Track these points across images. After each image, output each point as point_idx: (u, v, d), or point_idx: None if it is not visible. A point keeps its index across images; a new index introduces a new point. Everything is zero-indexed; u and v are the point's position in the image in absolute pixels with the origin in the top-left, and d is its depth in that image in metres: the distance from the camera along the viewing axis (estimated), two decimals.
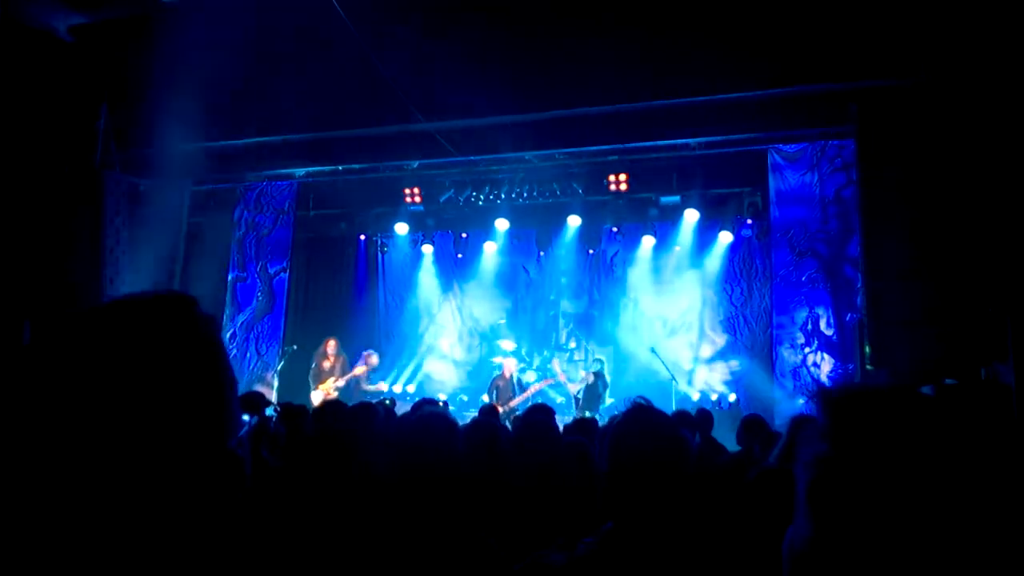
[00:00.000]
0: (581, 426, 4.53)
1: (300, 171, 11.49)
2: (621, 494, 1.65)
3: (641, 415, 1.71)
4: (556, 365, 10.92)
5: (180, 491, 0.79)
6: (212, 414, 0.84)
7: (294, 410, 5.49)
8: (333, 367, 10.21)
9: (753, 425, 4.83)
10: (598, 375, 9.70)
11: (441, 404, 7.92)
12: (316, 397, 9.69)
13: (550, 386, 10.69)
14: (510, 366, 10.22)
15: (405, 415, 3.82)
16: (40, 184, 9.37)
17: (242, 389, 9.71)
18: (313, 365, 10.34)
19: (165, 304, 0.85)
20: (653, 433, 1.67)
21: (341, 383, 9.95)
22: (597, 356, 10.74)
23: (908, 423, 0.78)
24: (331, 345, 10.38)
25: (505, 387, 9.94)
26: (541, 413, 3.65)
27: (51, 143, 9.50)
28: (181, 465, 0.79)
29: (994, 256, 7.08)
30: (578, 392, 9.71)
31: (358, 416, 4.20)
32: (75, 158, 9.94)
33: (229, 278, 11.57)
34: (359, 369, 10.05)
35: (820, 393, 0.87)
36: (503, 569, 1.85)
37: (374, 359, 10.33)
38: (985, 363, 6.36)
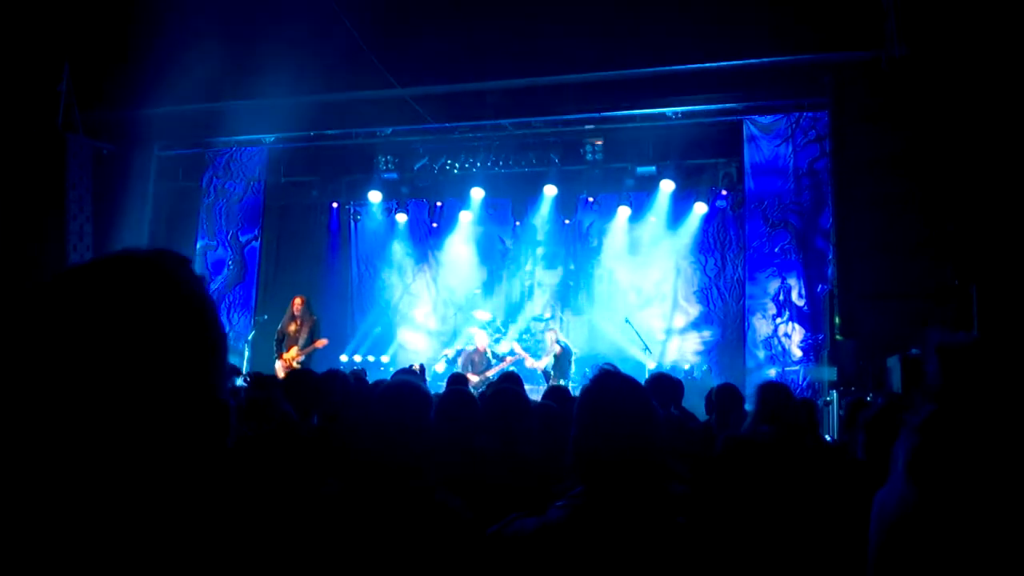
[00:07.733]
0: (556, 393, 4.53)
1: (270, 137, 11.25)
2: (591, 458, 1.65)
3: (609, 380, 1.72)
4: (516, 347, 10.77)
5: (171, 449, 0.75)
6: (203, 373, 0.79)
7: (264, 380, 5.45)
8: (299, 330, 9.15)
9: (725, 394, 4.87)
10: (563, 347, 9.70)
11: (416, 369, 7.88)
12: (279, 367, 8.98)
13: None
14: (483, 338, 10.20)
15: (377, 383, 3.80)
16: None
17: None
18: (279, 327, 9.38)
19: (153, 262, 0.80)
20: (621, 398, 1.68)
21: (303, 356, 9.04)
22: (550, 326, 10.55)
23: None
24: (297, 305, 9.25)
25: (480, 359, 9.93)
26: (510, 382, 3.67)
27: (10, 105, 9.18)
28: (171, 421, 0.75)
29: (962, 229, 7.20)
30: (547, 366, 9.71)
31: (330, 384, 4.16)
32: (36, 121, 9.62)
33: (198, 246, 11.36)
34: (320, 342, 9.21)
35: (939, 348, 0.81)
36: (475, 534, 1.84)
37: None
38: (951, 335, 6.49)
